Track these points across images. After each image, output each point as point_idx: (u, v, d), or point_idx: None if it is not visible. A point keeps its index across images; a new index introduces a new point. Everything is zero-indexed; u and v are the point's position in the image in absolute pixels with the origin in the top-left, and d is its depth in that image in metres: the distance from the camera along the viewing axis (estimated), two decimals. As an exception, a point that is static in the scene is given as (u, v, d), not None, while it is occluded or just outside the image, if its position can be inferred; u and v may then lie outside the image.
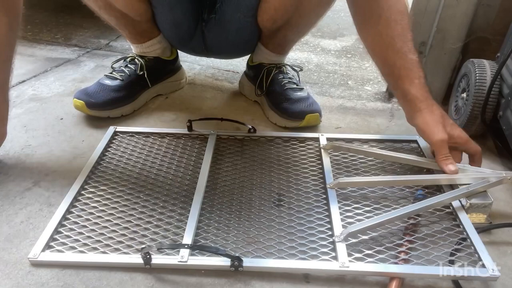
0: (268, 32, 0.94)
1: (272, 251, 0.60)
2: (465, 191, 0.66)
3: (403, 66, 0.73)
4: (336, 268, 0.57)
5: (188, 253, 0.58)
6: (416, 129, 0.75)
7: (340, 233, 0.61)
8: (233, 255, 0.57)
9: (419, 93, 0.72)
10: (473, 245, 0.59)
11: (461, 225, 0.63)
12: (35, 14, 1.65)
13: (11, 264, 0.59)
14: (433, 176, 0.72)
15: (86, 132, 0.90)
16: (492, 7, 0.94)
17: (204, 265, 0.58)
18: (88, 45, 1.40)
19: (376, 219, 0.63)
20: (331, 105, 1.05)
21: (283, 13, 0.86)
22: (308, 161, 0.81)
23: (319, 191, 0.72)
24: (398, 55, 0.73)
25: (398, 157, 0.77)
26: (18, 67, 1.21)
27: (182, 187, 0.73)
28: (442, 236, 0.62)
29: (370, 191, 0.72)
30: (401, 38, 0.73)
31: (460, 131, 0.72)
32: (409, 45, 0.73)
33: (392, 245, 0.61)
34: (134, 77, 0.98)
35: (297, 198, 0.71)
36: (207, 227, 0.64)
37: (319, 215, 0.67)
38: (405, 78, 0.73)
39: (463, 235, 0.62)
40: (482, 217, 0.66)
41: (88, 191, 0.71)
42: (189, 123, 0.87)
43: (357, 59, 1.40)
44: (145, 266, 0.57)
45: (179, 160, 0.80)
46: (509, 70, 0.80)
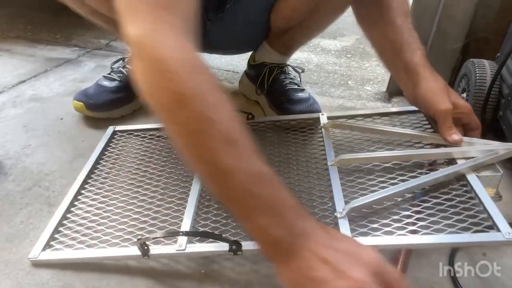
0: (278, 31, 0.93)
1: None
2: (473, 163, 0.61)
3: (405, 41, 0.71)
4: None
5: (186, 241, 0.57)
6: (418, 99, 0.70)
7: (342, 208, 0.58)
8: (231, 239, 0.55)
9: (422, 62, 0.69)
10: (486, 210, 0.54)
11: (473, 192, 0.58)
12: (35, 14, 1.65)
13: (11, 264, 0.59)
14: (439, 150, 0.67)
15: (86, 132, 0.90)
16: (492, 7, 0.94)
17: (203, 251, 0.56)
18: (88, 45, 1.40)
19: (380, 193, 0.59)
20: (331, 105, 1.05)
21: (299, 14, 0.85)
22: (309, 141, 0.79)
23: (321, 169, 0.71)
24: (399, 31, 0.71)
25: (402, 133, 0.73)
26: (18, 67, 1.21)
27: (180, 179, 0.72)
28: (453, 204, 0.58)
29: (375, 165, 0.69)
30: (402, 17, 0.72)
31: (464, 101, 0.69)
32: (409, 24, 0.72)
33: (398, 216, 0.57)
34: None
35: (298, 178, 0.70)
36: (206, 215, 0.63)
37: (321, 193, 0.65)
38: (406, 50, 0.70)
39: (475, 200, 0.57)
40: (492, 191, 0.61)
41: (88, 190, 0.71)
42: None
43: (357, 59, 1.40)
44: (144, 257, 0.56)
45: (178, 153, 0.80)
46: (509, 70, 0.80)
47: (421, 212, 0.57)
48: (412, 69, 0.70)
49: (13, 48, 1.35)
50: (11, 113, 0.97)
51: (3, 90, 1.08)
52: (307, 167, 0.73)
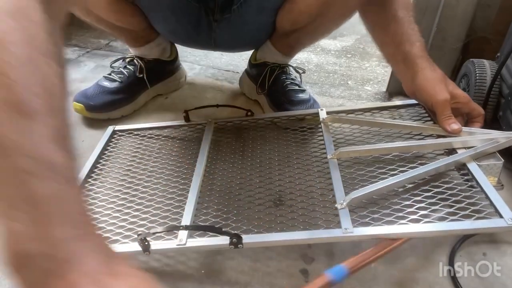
0: (283, 33, 0.92)
1: (273, 226, 0.58)
2: (473, 152, 0.61)
3: (405, 32, 0.71)
4: (339, 234, 0.53)
5: (187, 235, 0.56)
6: (416, 90, 0.70)
7: (342, 200, 0.58)
8: (232, 232, 0.54)
9: (420, 53, 0.70)
10: (488, 197, 0.54)
11: (474, 180, 0.58)
12: (35, 14, 1.65)
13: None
14: (439, 140, 0.67)
15: (86, 132, 0.90)
16: (492, 7, 0.94)
17: (203, 245, 0.56)
18: (88, 45, 1.40)
19: (380, 183, 0.59)
20: (331, 105, 1.05)
21: (307, 17, 0.84)
22: (309, 136, 0.79)
23: (321, 163, 0.71)
24: (400, 23, 0.71)
25: (401, 125, 0.73)
26: (18, 67, 1.21)
27: (180, 176, 0.73)
28: (454, 192, 0.58)
29: (375, 157, 0.69)
30: (403, 10, 0.72)
31: (462, 91, 0.69)
32: (411, 17, 0.72)
33: (399, 206, 0.57)
34: (133, 79, 0.98)
35: (299, 172, 0.70)
36: (206, 210, 0.64)
37: (321, 185, 0.65)
38: (406, 42, 0.71)
39: (477, 188, 0.57)
40: (493, 180, 0.61)
41: (88, 188, 0.71)
42: (185, 113, 0.87)
43: (357, 59, 1.40)
44: (144, 253, 0.56)
45: (177, 150, 0.80)
46: (509, 70, 0.80)
47: (423, 202, 0.57)
48: (411, 60, 0.70)
49: (13, 48, 1.35)
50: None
51: (3, 90, 1.08)
52: (307, 161, 0.73)
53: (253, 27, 0.91)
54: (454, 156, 0.62)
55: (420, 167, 0.62)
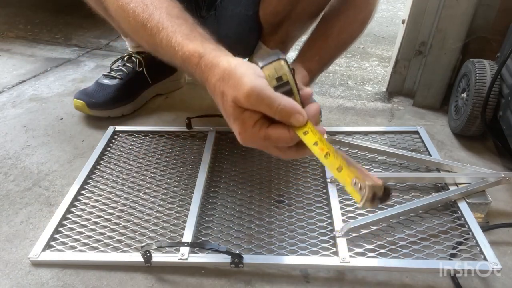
0: (270, 28, 0.93)
1: (273, 247, 0.60)
2: (464, 190, 0.67)
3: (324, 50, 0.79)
4: (336, 263, 0.57)
5: (189, 250, 0.58)
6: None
7: (340, 228, 0.61)
8: (234, 252, 0.57)
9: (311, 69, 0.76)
10: (475, 239, 0.60)
11: (463, 219, 0.64)
12: (35, 14, 1.65)
13: (11, 264, 0.59)
14: (433, 174, 0.72)
15: (86, 132, 0.90)
16: (492, 7, 0.94)
17: (205, 262, 0.58)
18: (88, 45, 1.40)
19: (377, 214, 0.63)
20: (331, 105, 1.05)
21: (285, 4, 0.86)
22: (308, 157, 0.80)
23: (320, 186, 0.72)
24: (327, 43, 0.78)
25: (399, 154, 0.77)
26: (18, 67, 1.21)
27: (181, 186, 0.73)
28: (444, 230, 0.63)
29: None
30: (343, 36, 0.79)
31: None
32: (341, 46, 0.81)
33: (393, 239, 0.61)
34: (133, 75, 0.98)
35: (297, 193, 0.71)
36: (207, 224, 0.65)
37: (319, 210, 0.67)
38: (314, 56, 0.78)
39: (465, 228, 0.63)
40: (479, 217, 0.66)
41: (88, 190, 0.71)
42: (187, 120, 0.87)
43: (357, 59, 1.40)
44: (146, 264, 0.57)
45: (178, 158, 0.80)
46: (509, 70, 0.80)
47: (415, 236, 0.62)
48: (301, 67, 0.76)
49: (13, 48, 1.35)
50: (11, 113, 0.97)
51: (3, 90, 1.08)
52: (306, 182, 0.74)
53: (235, 22, 0.92)
54: (447, 192, 0.68)
55: (415, 200, 0.67)
